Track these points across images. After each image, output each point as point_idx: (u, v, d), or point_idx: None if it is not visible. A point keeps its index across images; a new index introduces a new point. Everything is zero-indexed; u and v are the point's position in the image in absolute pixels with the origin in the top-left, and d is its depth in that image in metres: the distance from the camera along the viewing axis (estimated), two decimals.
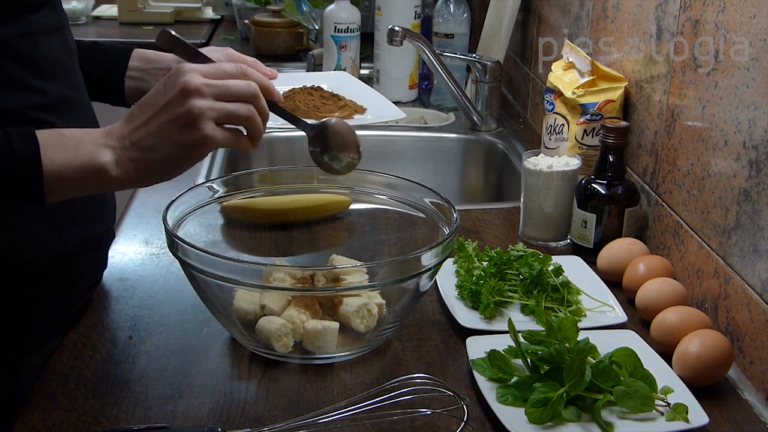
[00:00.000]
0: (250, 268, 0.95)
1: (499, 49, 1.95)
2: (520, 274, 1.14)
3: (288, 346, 0.99)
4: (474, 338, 1.02)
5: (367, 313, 1.01)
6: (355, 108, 1.24)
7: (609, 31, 1.45)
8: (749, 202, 0.99)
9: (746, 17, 0.99)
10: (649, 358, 0.98)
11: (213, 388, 0.95)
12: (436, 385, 0.93)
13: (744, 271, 1.00)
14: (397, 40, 1.76)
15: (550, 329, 0.95)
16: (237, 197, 1.16)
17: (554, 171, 1.30)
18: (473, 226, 1.40)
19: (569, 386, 0.89)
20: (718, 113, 1.06)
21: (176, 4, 3.13)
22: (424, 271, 0.97)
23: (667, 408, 0.89)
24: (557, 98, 1.41)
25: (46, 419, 0.89)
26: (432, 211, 1.11)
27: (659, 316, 1.04)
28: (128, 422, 0.89)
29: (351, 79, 1.37)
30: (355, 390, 0.95)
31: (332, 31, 2.12)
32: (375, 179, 1.18)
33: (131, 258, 1.25)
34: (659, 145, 1.25)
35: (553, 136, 1.42)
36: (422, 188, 1.13)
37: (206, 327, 1.07)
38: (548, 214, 1.31)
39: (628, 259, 1.18)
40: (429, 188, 1.13)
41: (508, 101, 2.10)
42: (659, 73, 1.25)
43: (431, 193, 1.11)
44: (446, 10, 2.04)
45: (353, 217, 1.29)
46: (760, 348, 0.96)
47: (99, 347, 1.02)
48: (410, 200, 1.15)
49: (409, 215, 1.15)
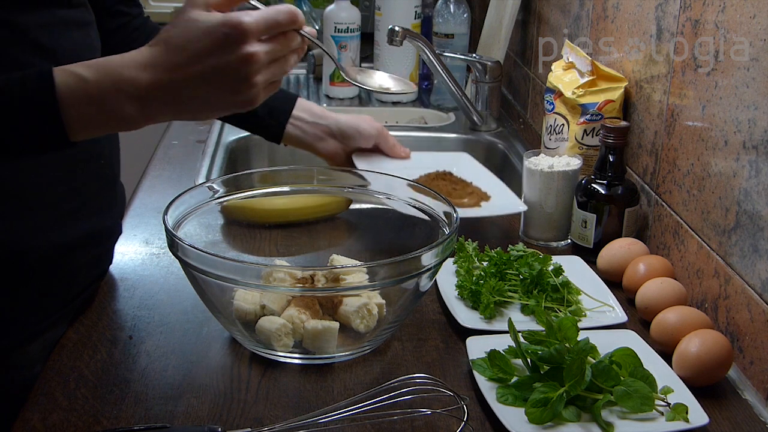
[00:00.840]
0: (250, 268, 0.95)
1: (499, 49, 1.95)
2: (520, 274, 1.14)
3: (288, 346, 0.99)
4: (474, 338, 1.02)
5: (367, 313, 1.01)
6: (480, 195, 1.36)
7: (609, 31, 1.45)
8: (749, 202, 0.99)
9: (746, 17, 0.99)
10: (649, 358, 0.98)
11: (213, 388, 0.95)
12: (436, 385, 0.93)
13: (744, 271, 1.00)
14: (397, 40, 1.76)
15: (550, 329, 0.95)
16: (237, 197, 1.16)
17: (555, 171, 1.30)
18: (473, 226, 1.40)
19: (569, 386, 0.89)
20: (718, 113, 1.06)
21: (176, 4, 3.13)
22: (424, 271, 0.97)
23: (667, 408, 0.89)
24: (557, 98, 1.41)
25: (46, 419, 0.89)
26: (432, 211, 1.11)
27: (659, 316, 1.04)
28: (128, 422, 0.89)
29: (471, 161, 1.50)
30: (355, 390, 0.95)
31: (332, 31, 2.12)
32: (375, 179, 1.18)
33: (131, 258, 1.25)
34: (659, 145, 1.25)
35: (553, 136, 1.42)
36: (422, 188, 1.13)
37: (206, 327, 1.07)
38: (549, 214, 1.31)
39: (628, 259, 1.18)
40: (429, 188, 1.13)
41: (508, 101, 2.10)
42: (659, 73, 1.25)
43: (431, 193, 1.12)
44: (446, 10, 2.04)
45: (353, 217, 1.29)
46: (760, 348, 0.97)
47: (99, 347, 1.02)
48: (410, 200, 1.15)
49: (409, 215, 1.15)
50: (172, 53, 0.83)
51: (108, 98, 0.82)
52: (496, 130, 1.90)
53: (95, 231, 1.09)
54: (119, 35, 1.25)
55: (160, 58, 0.83)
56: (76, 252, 1.05)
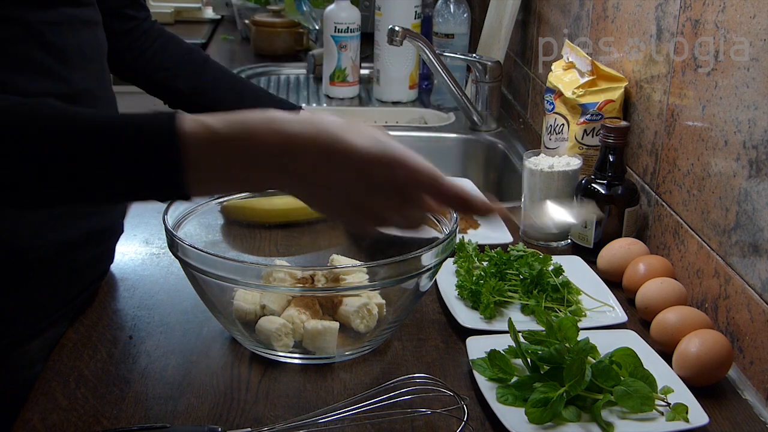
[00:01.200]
0: (250, 268, 0.95)
1: (499, 49, 1.95)
2: (520, 274, 1.14)
3: (288, 346, 0.99)
4: (474, 338, 1.02)
5: (367, 313, 1.01)
6: (470, 223, 1.35)
7: (609, 31, 1.45)
8: (749, 202, 0.99)
9: (746, 17, 0.99)
10: (649, 358, 0.98)
11: (213, 388, 0.95)
12: (436, 385, 0.93)
13: (744, 271, 1.00)
14: (397, 40, 1.76)
15: (550, 329, 0.95)
16: (237, 197, 1.16)
17: (555, 171, 1.30)
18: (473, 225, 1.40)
19: (569, 386, 0.89)
20: (718, 113, 1.06)
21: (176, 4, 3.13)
22: (424, 271, 0.97)
23: (667, 408, 0.89)
24: (557, 98, 1.41)
25: (46, 419, 0.89)
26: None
27: (659, 316, 1.04)
28: (128, 422, 0.89)
29: (472, 188, 1.45)
30: (355, 390, 0.95)
31: (332, 31, 2.12)
32: None
33: (131, 258, 1.25)
34: (659, 145, 1.25)
35: (553, 136, 1.42)
36: None
37: (206, 327, 1.07)
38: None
39: (628, 259, 1.18)
40: None
41: (508, 101, 2.10)
42: (659, 73, 1.25)
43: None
44: (446, 10, 2.04)
45: None
46: (760, 348, 0.96)
47: (99, 347, 1.02)
48: None
49: None
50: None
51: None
52: (496, 130, 1.90)
53: (96, 230, 1.09)
54: (127, 38, 1.25)
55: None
56: (76, 251, 1.06)
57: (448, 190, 0.79)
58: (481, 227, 1.35)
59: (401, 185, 0.76)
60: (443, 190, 0.78)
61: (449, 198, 0.79)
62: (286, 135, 0.73)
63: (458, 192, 0.79)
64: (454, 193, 0.79)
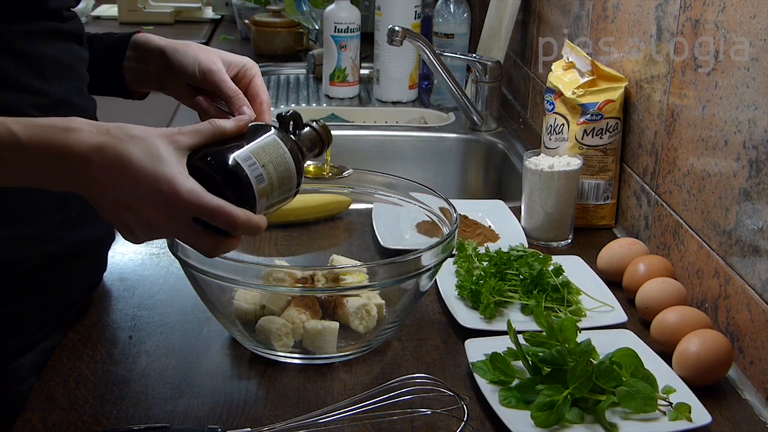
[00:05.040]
0: (250, 268, 0.95)
1: (499, 49, 1.95)
2: (520, 274, 1.14)
3: (288, 346, 0.99)
4: (473, 340, 1.01)
5: (366, 313, 1.01)
6: (489, 236, 1.33)
7: (609, 31, 1.45)
8: (749, 202, 0.99)
9: (746, 17, 0.99)
10: (649, 358, 0.98)
11: (213, 388, 0.95)
12: (436, 385, 0.93)
13: (744, 271, 1.00)
14: (397, 40, 1.76)
15: (551, 330, 0.95)
16: None
17: (555, 171, 1.30)
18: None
19: (573, 388, 0.88)
20: (718, 113, 1.06)
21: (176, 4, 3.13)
22: (424, 271, 0.97)
23: (670, 408, 0.89)
24: (557, 98, 1.41)
25: (46, 419, 0.89)
26: (432, 210, 1.11)
27: (659, 316, 1.04)
28: (128, 422, 0.89)
29: (504, 209, 1.44)
30: (355, 390, 0.95)
31: (332, 31, 2.12)
32: (375, 179, 1.18)
33: (131, 258, 1.25)
34: (659, 145, 1.25)
35: (553, 136, 1.42)
36: (422, 188, 1.13)
37: (206, 327, 1.07)
38: (549, 214, 1.31)
39: (628, 259, 1.18)
40: (429, 188, 1.13)
41: (508, 101, 2.10)
42: (659, 73, 1.25)
43: (431, 193, 1.11)
44: (446, 10, 2.04)
45: (353, 217, 1.29)
46: (760, 348, 0.96)
47: (99, 347, 1.02)
48: (410, 200, 1.14)
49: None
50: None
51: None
52: (496, 130, 1.90)
53: (88, 240, 1.07)
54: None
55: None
56: (68, 262, 1.04)
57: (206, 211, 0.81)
58: (501, 239, 1.33)
59: (164, 202, 0.80)
60: (203, 211, 0.81)
61: (210, 218, 0.82)
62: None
63: (219, 211, 0.81)
64: (214, 213, 0.81)
